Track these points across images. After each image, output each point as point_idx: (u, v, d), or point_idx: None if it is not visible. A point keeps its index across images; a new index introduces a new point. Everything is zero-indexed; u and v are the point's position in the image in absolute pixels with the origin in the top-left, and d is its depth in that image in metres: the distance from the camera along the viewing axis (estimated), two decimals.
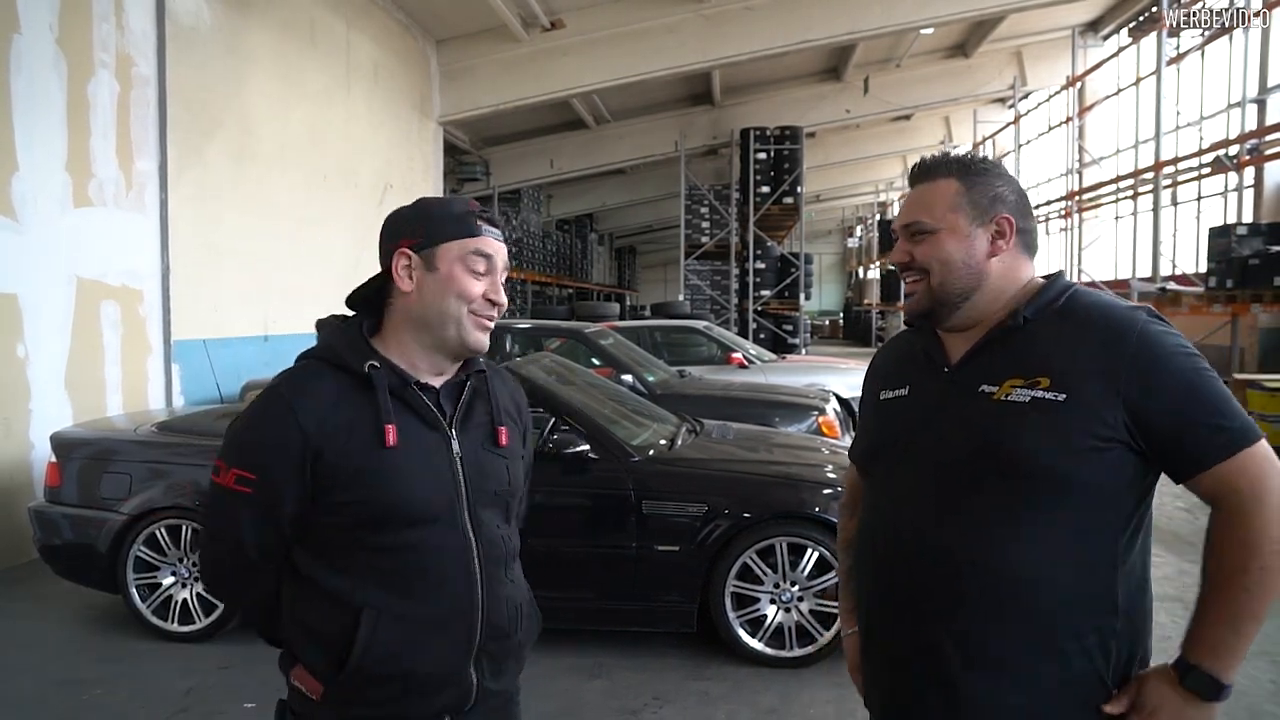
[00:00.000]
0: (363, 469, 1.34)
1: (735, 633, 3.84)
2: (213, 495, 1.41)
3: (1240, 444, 1.27)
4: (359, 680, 1.34)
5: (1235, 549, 1.26)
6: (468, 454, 1.43)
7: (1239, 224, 10.43)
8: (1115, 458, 1.30)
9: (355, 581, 1.36)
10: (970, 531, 1.35)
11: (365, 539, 1.36)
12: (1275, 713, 3.46)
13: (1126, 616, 1.34)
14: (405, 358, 1.42)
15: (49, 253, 5.60)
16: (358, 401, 1.37)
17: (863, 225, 37.12)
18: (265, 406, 1.38)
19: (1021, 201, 1.45)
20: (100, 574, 4.19)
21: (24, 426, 5.45)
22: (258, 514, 1.37)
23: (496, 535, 1.45)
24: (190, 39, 6.93)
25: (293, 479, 1.34)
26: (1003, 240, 1.42)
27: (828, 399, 6.87)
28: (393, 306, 1.44)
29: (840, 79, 17.33)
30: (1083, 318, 1.36)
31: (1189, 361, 1.30)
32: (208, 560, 1.47)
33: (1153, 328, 1.32)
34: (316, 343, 1.45)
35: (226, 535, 1.40)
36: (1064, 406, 1.30)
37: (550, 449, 3.95)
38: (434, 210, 1.44)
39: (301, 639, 1.39)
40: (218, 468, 1.38)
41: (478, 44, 11.85)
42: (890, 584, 1.44)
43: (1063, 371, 1.32)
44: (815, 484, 3.99)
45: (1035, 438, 1.31)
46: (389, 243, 1.43)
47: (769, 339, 17.03)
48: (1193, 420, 1.28)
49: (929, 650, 1.37)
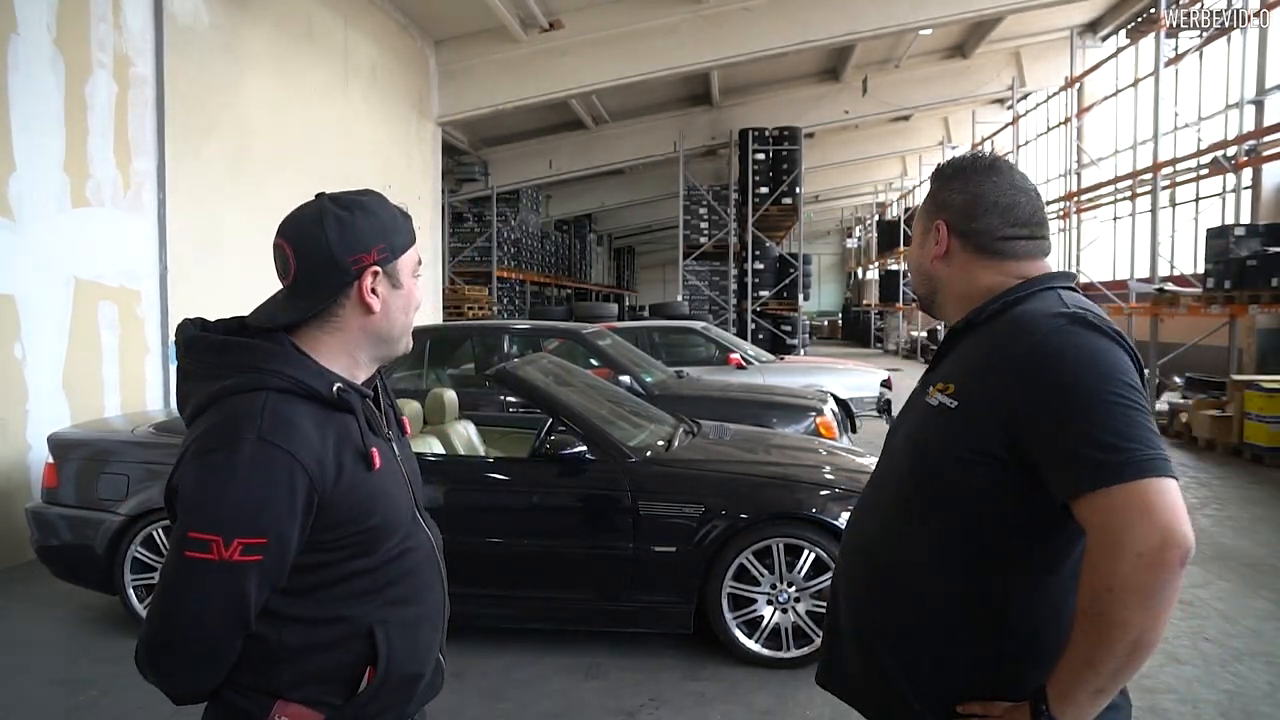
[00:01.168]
0: (357, 500, 1.28)
1: (732, 633, 3.84)
2: (198, 576, 1.18)
3: (1109, 479, 1.14)
4: (380, 693, 1.31)
5: (1083, 589, 1.18)
6: (402, 453, 1.44)
7: (1237, 225, 10.42)
8: (992, 471, 1.25)
9: (353, 605, 1.31)
10: (874, 528, 1.45)
11: (356, 564, 1.31)
12: (1270, 714, 3.46)
13: (1024, 639, 1.28)
14: (347, 369, 1.35)
15: (46, 253, 5.59)
16: (331, 427, 1.27)
17: (861, 226, 37.13)
18: (258, 460, 1.19)
19: (972, 204, 1.41)
20: (97, 575, 4.19)
21: (21, 427, 5.45)
22: (266, 578, 1.22)
23: (433, 524, 1.48)
24: (188, 39, 6.93)
25: (300, 530, 1.23)
26: (937, 246, 1.44)
27: (825, 400, 6.88)
28: (339, 321, 1.33)
29: (839, 79, 17.35)
30: (1001, 324, 1.32)
31: (1089, 379, 1.19)
32: (185, 653, 1.22)
33: (1060, 338, 1.23)
34: (240, 365, 1.26)
35: (225, 619, 1.20)
36: (954, 414, 1.30)
37: (548, 450, 3.96)
38: (385, 218, 1.33)
39: (290, 677, 1.28)
40: (207, 543, 1.17)
41: (476, 44, 11.86)
42: (836, 564, 1.59)
43: (965, 379, 1.32)
44: (812, 485, 3.99)
45: (930, 442, 1.35)
46: (347, 256, 1.28)
47: (767, 339, 17.05)
48: (1064, 445, 1.18)
49: (851, 625, 1.45)
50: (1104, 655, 1.14)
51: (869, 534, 1.45)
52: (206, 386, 1.27)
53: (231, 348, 1.29)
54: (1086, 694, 1.17)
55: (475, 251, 18.48)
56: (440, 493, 3.94)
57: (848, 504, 3.82)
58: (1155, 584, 1.11)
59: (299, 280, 1.31)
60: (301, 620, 1.28)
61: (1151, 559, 1.11)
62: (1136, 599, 1.12)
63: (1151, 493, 1.13)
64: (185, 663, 1.23)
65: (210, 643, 1.22)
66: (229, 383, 1.25)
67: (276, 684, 1.28)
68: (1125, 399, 1.18)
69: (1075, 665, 1.17)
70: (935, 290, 1.48)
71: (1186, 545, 1.12)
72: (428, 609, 1.40)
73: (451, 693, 3.57)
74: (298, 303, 1.31)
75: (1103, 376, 1.19)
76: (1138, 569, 1.11)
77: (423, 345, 7.01)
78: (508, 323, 9.53)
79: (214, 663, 1.24)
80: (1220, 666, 3.86)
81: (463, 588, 4.46)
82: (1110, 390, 1.18)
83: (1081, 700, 1.17)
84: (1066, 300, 1.32)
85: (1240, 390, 8.98)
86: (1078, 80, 15.99)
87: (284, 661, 1.28)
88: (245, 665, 1.27)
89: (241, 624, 1.22)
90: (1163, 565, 1.11)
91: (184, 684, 1.25)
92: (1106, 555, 1.13)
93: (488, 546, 3.93)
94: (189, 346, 1.32)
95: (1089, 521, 1.17)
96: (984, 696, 1.29)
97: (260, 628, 1.25)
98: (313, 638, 1.28)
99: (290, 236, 1.31)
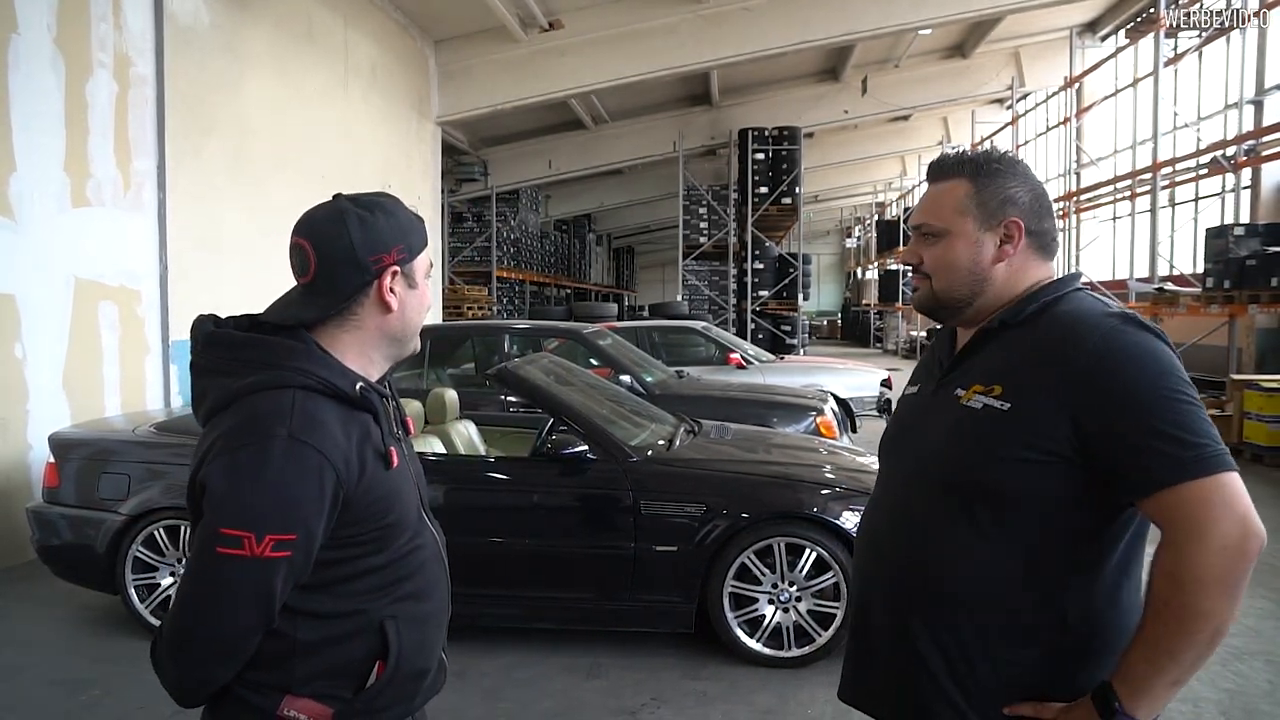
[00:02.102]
0: (377, 498, 1.30)
1: (733, 633, 3.85)
2: (229, 572, 1.20)
3: (1190, 474, 1.17)
4: (388, 687, 1.32)
5: (1161, 580, 1.19)
6: (409, 452, 1.46)
7: (1236, 225, 10.44)
8: (1058, 472, 1.25)
9: (366, 600, 1.32)
10: (916, 533, 1.38)
11: (371, 561, 1.32)
12: (1271, 712, 3.47)
13: (1081, 637, 1.29)
14: (362, 368, 1.36)
15: (47, 253, 5.59)
16: (354, 426, 1.29)
17: (861, 225, 37.15)
18: (290, 457, 1.20)
19: (1037, 202, 1.40)
20: (98, 574, 4.19)
21: (22, 427, 5.45)
22: (292, 574, 1.24)
23: (436, 523, 1.50)
24: (188, 38, 6.93)
25: (326, 526, 1.25)
26: (1010, 245, 1.39)
27: (825, 399, 6.88)
28: (358, 320, 1.35)
29: (838, 79, 17.35)
30: (1049, 325, 1.31)
31: (1152, 377, 1.21)
32: (211, 649, 1.23)
33: (1120, 339, 1.24)
34: (261, 362, 1.27)
35: (253, 614, 1.22)
36: (1006, 416, 1.28)
37: (549, 449, 3.96)
38: (403, 219, 1.35)
39: (303, 672, 1.29)
40: (239, 539, 1.18)
41: (476, 44, 11.85)
42: (860, 573, 1.51)
43: (1016, 380, 1.30)
44: (813, 484, 3.99)
45: (970, 446, 1.32)
46: (368, 255, 1.30)
47: (767, 339, 17.06)
48: (1138, 442, 1.19)
49: (890, 635, 1.40)
50: (1185, 645, 1.16)
51: (910, 542, 1.39)
52: (225, 383, 1.27)
53: (253, 344, 1.30)
54: (1164, 685, 1.19)
55: (475, 251, 18.48)
56: (441, 492, 3.94)
57: (849, 503, 3.83)
58: (1238, 574, 1.16)
59: (319, 278, 1.31)
60: (317, 615, 1.29)
61: (1235, 550, 1.15)
62: (1220, 589, 1.15)
63: (1229, 486, 1.17)
64: (205, 658, 1.23)
65: (234, 638, 1.23)
66: (252, 379, 1.26)
67: (289, 679, 1.28)
68: (1188, 396, 1.21)
69: (1153, 657, 1.18)
70: (980, 292, 1.40)
71: (1262, 536, 1.17)
72: (434, 606, 1.42)
73: (453, 692, 3.57)
74: (318, 300, 1.32)
75: (1165, 374, 1.22)
76: (1223, 560, 1.15)
77: (424, 345, 6.99)
78: (508, 322, 9.54)
79: (233, 658, 1.25)
80: (1221, 665, 3.86)
81: (464, 587, 4.44)
82: (1174, 388, 1.21)
83: (1158, 692, 1.19)
84: (1108, 301, 1.34)
85: (1240, 390, 8.99)
86: (1077, 80, 16.01)
87: (298, 656, 1.28)
88: (259, 661, 1.27)
89: (266, 619, 1.24)
90: (1244, 555, 1.16)
91: (198, 680, 1.25)
92: (1191, 548, 1.16)
93: (489, 546, 3.93)
94: (208, 343, 1.32)
95: (1168, 516, 1.19)
96: (1033, 697, 1.29)
97: (278, 623, 1.26)
98: (327, 632, 1.30)
99: (310, 235, 1.32)
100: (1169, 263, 13.14)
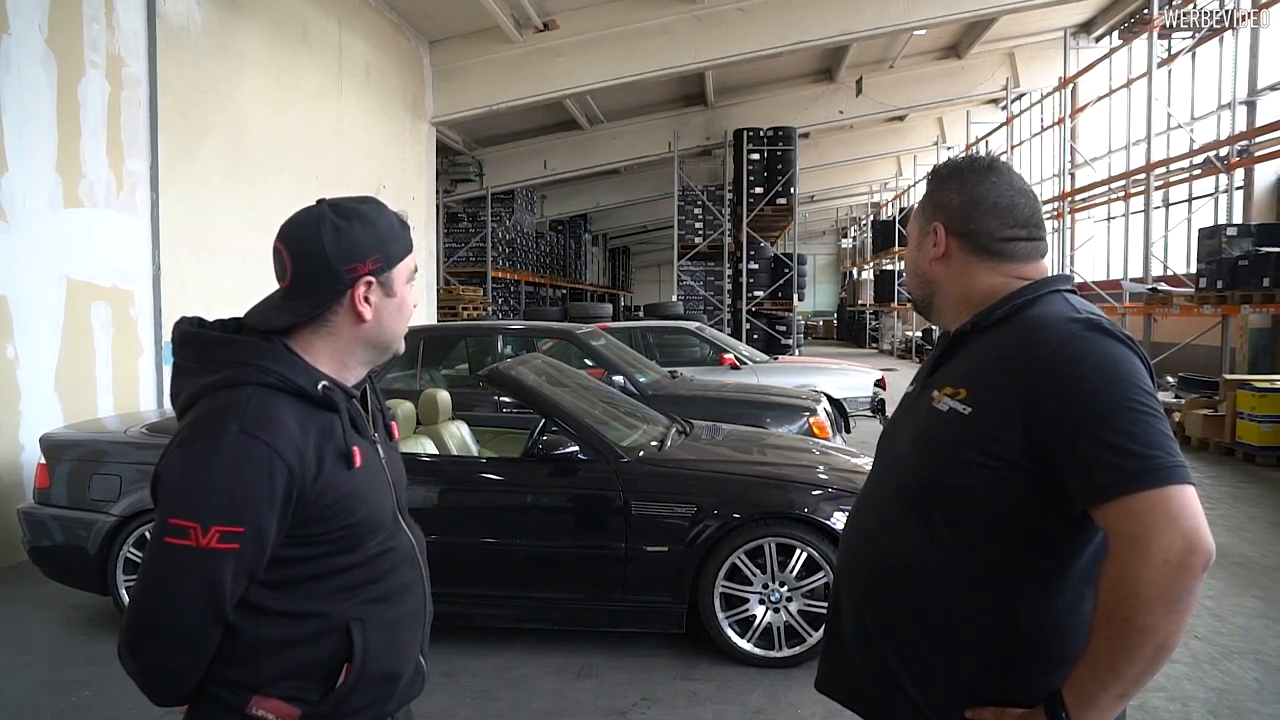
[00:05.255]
0: (337, 497, 1.30)
1: (724, 633, 3.85)
2: (176, 563, 1.21)
3: (1136, 485, 1.15)
4: (356, 690, 1.33)
5: (1104, 594, 1.18)
6: (387, 455, 1.46)
7: (1229, 225, 10.47)
8: (1012, 478, 1.25)
9: (332, 602, 1.33)
10: (879, 531, 1.42)
11: (336, 561, 1.33)
12: (1259, 711, 3.48)
13: (1035, 645, 1.28)
14: (338, 370, 1.37)
15: (39, 253, 5.58)
16: (314, 424, 1.29)
17: (856, 226, 37.17)
18: (239, 450, 1.21)
19: (970, 205, 1.40)
20: (90, 575, 4.19)
21: (13, 428, 5.44)
22: (243, 568, 1.24)
23: (416, 526, 1.50)
24: (181, 39, 6.92)
25: (279, 523, 1.25)
26: (935, 247, 1.43)
27: (819, 400, 6.89)
28: (331, 327, 1.35)
29: (834, 80, 17.38)
30: (1014, 329, 1.32)
31: (1107, 385, 1.20)
32: (164, 640, 1.23)
33: (1077, 345, 1.23)
34: (226, 360, 1.30)
35: (202, 606, 1.22)
36: (967, 420, 1.29)
37: (540, 450, 3.96)
38: (383, 228, 1.35)
39: (270, 671, 1.29)
40: (185, 529, 1.19)
41: (471, 45, 11.85)
42: (836, 569, 1.56)
43: (980, 384, 1.31)
44: (804, 485, 4.00)
45: (932, 448, 1.34)
46: (342, 265, 1.31)
47: (762, 340, 17.07)
48: (1086, 450, 1.17)
49: (854, 631, 1.44)
50: (1128, 660, 1.15)
51: (874, 539, 1.42)
52: (196, 381, 1.31)
53: (222, 343, 1.32)
54: (1109, 698, 1.17)
55: (470, 252, 18.48)
56: (433, 493, 3.95)
57: (841, 504, 3.84)
58: (1180, 590, 1.13)
59: (294, 284, 1.33)
60: (281, 614, 1.30)
61: (1177, 565, 1.12)
62: (1162, 605, 1.13)
63: (1176, 499, 1.14)
64: (158, 648, 1.24)
65: (187, 630, 1.23)
66: (217, 377, 1.28)
67: (257, 678, 1.29)
68: (1145, 406, 1.19)
69: (1097, 670, 1.17)
70: (932, 293, 1.47)
71: (1209, 551, 1.14)
72: (408, 609, 1.42)
73: (444, 693, 3.58)
74: (292, 305, 1.33)
75: (1122, 383, 1.20)
76: (1164, 575, 1.12)
77: (416, 346, 7.01)
78: (502, 323, 9.54)
79: (192, 652, 1.25)
80: (1210, 664, 3.88)
81: (456, 588, 4.42)
82: (1130, 397, 1.19)
83: (1104, 705, 1.18)
84: (1077, 305, 1.33)
85: (1233, 390, 9.02)
86: (1071, 81, 16.04)
87: (263, 654, 1.29)
88: (226, 659, 1.28)
89: (217, 612, 1.24)
90: (1188, 571, 1.12)
91: (157, 672, 1.26)
92: (1132, 561, 1.14)
93: (481, 547, 3.93)
94: (183, 343, 1.35)
95: (1113, 527, 1.17)
96: (992, 701, 1.29)
97: (241, 620, 1.27)
98: (291, 631, 1.30)
99: (288, 241, 1.33)
100: (1162, 263, 13.17)
